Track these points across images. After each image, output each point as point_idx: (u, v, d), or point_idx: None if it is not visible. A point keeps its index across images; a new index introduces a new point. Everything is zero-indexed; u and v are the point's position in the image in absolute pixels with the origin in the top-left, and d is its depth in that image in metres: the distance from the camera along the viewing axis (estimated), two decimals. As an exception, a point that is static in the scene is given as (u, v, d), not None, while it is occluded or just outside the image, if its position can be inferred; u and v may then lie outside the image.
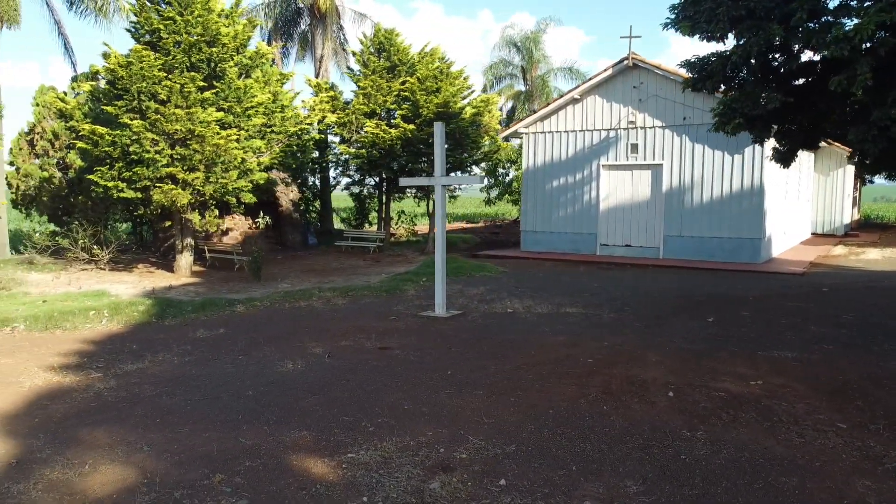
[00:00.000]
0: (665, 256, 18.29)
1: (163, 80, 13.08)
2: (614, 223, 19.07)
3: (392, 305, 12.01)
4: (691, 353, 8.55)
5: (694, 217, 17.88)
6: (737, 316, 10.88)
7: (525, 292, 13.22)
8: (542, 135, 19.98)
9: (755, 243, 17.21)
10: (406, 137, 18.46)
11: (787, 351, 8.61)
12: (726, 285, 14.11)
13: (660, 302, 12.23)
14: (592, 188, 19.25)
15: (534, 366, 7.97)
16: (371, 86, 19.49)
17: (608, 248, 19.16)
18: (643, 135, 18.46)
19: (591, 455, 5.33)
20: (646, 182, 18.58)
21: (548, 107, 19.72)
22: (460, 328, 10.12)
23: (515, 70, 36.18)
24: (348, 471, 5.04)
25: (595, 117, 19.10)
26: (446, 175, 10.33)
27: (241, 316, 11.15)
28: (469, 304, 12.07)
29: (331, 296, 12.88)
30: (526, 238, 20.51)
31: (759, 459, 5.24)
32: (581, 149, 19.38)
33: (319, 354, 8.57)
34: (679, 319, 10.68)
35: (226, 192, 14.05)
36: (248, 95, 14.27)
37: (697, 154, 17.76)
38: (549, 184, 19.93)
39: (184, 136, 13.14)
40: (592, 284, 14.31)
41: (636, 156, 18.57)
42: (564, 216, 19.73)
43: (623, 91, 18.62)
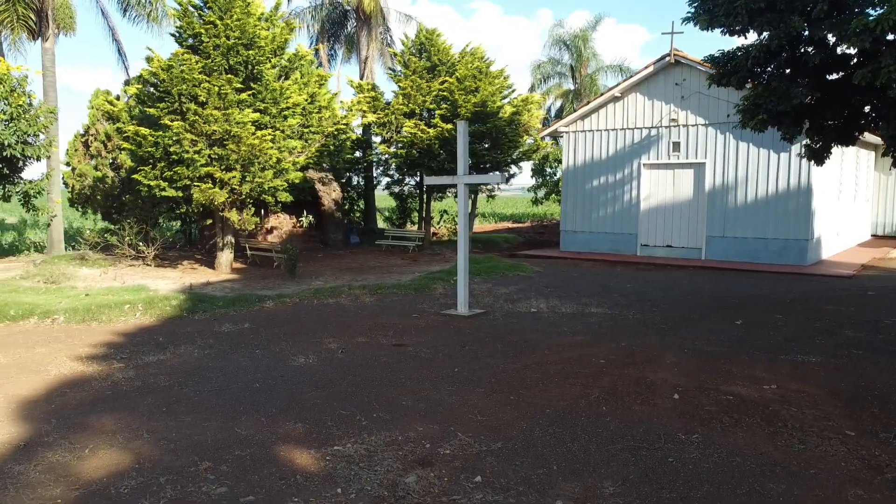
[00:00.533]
0: (707, 258, 17.81)
1: (202, 83, 13.51)
2: (655, 223, 18.69)
3: (418, 303, 12.09)
4: (710, 355, 8.33)
5: (738, 217, 17.36)
6: (768, 319, 10.53)
7: (554, 292, 13.11)
8: (583, 133, 19.74)
9: (801, 244, 16.58)
10: (444, 137, 18.52)
11: (812, 355, 8.29)
12: (766, 287, 13.66)
13: (691, 303, 11.93)
14: (633, 187, 18.91)
15: (543, 365, 7.91)
16: (411, 86, 19.64)
17: (648, 249, 18.79)
18: (685, 133, 18.04)
19: (576, 455, 5.27)
20: (688, 181, 18.14)
21: (588, 105, 19.48)
22: (479, 327, 10.11)
23: (564, 69, 35.82)
24: (330, 463, 5.13)
25: (636, 115, 18.76)
26: (472, 174, 10.35)
27: (268, 312, 11.42)
28: (494, 303, 12.04)
29: (359, 293, 13.05)
30: (566, 238, 20.30)
31: (751, 465, 5.08)
32: (622, 147, 19.07)
33: (333, 350, 8.71)
34: (707, 321, 10.40)
35: (262, 191, 14.41)
36: (284, 97, 14.59)
37: (742, 152, 17.24)
38: (590, 183, 19.67)
39: (221, 137, 13.54)
40: (626, 285, 14.06)
41: (678, 154, 18.16)
42: (604, 216, 19.45)
43: (665, 88, 18.24)
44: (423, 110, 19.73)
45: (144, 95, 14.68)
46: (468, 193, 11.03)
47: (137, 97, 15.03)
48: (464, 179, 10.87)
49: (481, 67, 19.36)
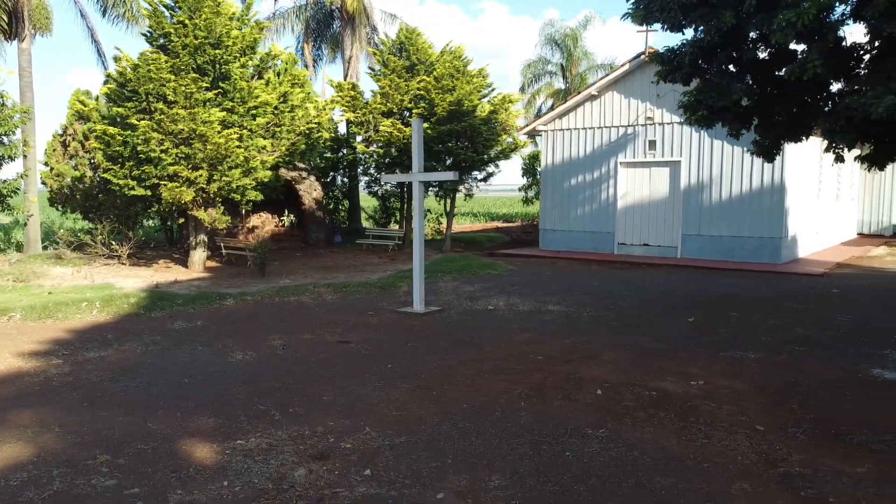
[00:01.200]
0: (683, 256, 17.77)
1: (169, 82, 13.57)
2: (632, 222, 18.65)
3: (378, 301, 12.11)
4: (652, 352, 8.32)
5: (713, 216, 17.31)
6: (724, 317, 10.49)
7: (518, 290, 13.10)
8: (561, 132, 19.72)
9: (776, 243, 16.52)
10: (419, 136, 18.51)
11: (753, 352, 8.26)
12: (734, 286, 13.61)
13: (653, 302, 11.90)
14: (610, 186, 18.88)
15: (479, 362, 7.91)
16: (389, 85, 19.66)
17: (626, 248, 18.76)
18: (661, 131, 18.00)
19: (475, 449, 5.27)
20: (664, 180, 18.10)
21: (566, 103, 19.46)
22: (430, 324, 10.12)
23: (555, 68, 35.77)
24: (227, 457, 5.14)
25: (613, 114, 18.73)
26: (424, 172, 10.35)
27: (226, 310, 11.46)
28: (454, 301, 12.04)
29: (323, 291, 13.08)
30: (545, 237, 20.29)
31: (647, 459, 5.07)
32: (599, 146, 19.04)
33: (276, 347, 8.74)
34: (662, 319, 10.37)
35: (230, 190, 14.45)
36: (253, 96, 14.63)
37: (716, 150, 17.18)
38: (568, 182, 19.65)
39: (187, 136, 13.59)
40: (593, 284, 14.04)
41: (654, 153, 18.12)
42: (582, 215, 19.42)
43: (641, 86, 18.20)
44: (402, 109, 19.75)
45: (115, 95, 14.75)
46: (424, 191, 11.04)
47: (108, 97, 15.10)
48: (418, 177, 10.87)
49: (459, 66, 19.37)
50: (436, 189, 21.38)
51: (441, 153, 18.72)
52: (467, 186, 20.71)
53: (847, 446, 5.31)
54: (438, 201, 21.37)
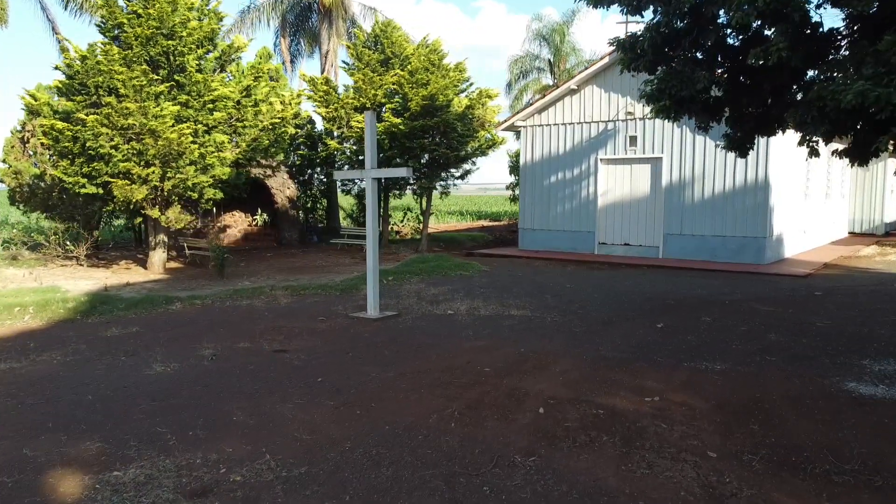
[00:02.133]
0: (665, 256, 17.12)
1: (119, 74, 12.89)
2: (613, 221, 18.00)
3: (334, 305, 11.45)
4: (609, 362, 7.67)
5: (695, 214, 16.66)
6: (695, 322, 9.85)
7: (485, 293, 12.45)
8: (540, 128, 19.06)
9: (759, 243, 15.87)
10: (392, 132, 17.88)
11: (719, 362, 7.62)
12: (713, 288, 12.97)
13: (623, 305, 11.25)
14: (590, 183, 18.24)
15: (420, 374, 7.26)
16: (362, 79, 19.00)
17: (606, 247, 18.11)
18: (642, 126, 17.34)
19: (382, 483, 4.62)
20: (645, 177, 17.45)
21: (545, 98, 18.81)
22: (380, 331, 9.46)
23: (543, 63, 35.09)
24: (94, 493, 4.49)
25: (593, 108, 18.08)
26: (377, 168, 9.67)
27: (169, 315, 10.79)
28: (414, 305, 11.38)
29: (280, 294, 12.43)
30: (524, 236, 19.64)
31: (574, 494, 4.42)
32: (579, 142, 18.39)
33: (205, 357, 8.08)
34: (628, 325, 9.73)
35: (186, 188, 13.78)
36: (209, 89, 13.95)
37: (699, 146, 16.54)
38: (547, 179, 19.00)
39: (138, 131, 12.92)
40: (565, 286, 13.39)
41: (635, 149, 17.47)
42: (562, 213, 18.78)
43: (621, 80, 17.54)
44: (375, 104, 19.08)
45: (65, 88, 14.07)
46: (378, 188, 10.39)
47: (59, 90, 14.41)
48: (370, 174, 10.21)
49: (434, 60, 18.70)
50: (413, 187, 20.73)
51: (414, 149, 18.06)
52: (443, 185, 20.03)
53: (806, 477, 4.67)
54: (416, 200, 20.70)
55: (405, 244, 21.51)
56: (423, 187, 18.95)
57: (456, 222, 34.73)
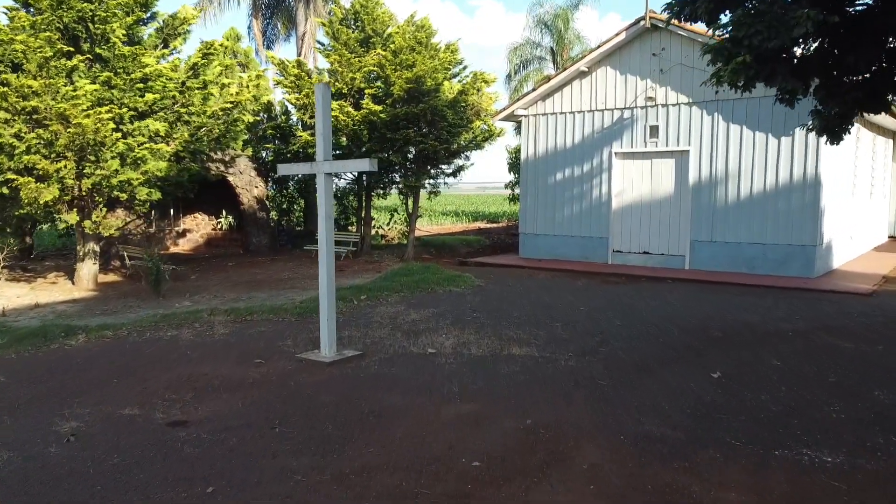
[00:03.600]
0: (692, 267, 14.54)
1: (18, 44, 10.28)
2: (629, 225, 15.42)
3: (282, 338, 8.86)
4: (660, 447, 5.09)
5: (729, 218, 14.08)
6: (759, 367, 7.27)
7: (478, 319, 9.86)
8: (545, 117, 16.48)
9: (808, 252, 13.29)
10: (371, 121, 15.29)
11: (825, 449, 5.04)
12: (761, 311, 10.40)
13: (656, 338, 8.67)
14: (603, 181, 15.65)
15: (371, 474, 4.68)
16: (338, 60, 16.41)
17: (622, 256, 15.52)
18: (665, 114, 14.75)
19: None
20: (668, 173, 14.86)
21: (549, 82, 16.21)
22: (331, 383, 6.87)
23: (544, 52, 32.51)
24: None
25: (606, 94, 15.49)
26: (331, 160, 7.00)
27: (60, 354, 8.19)
28: (386, 338, 8.79)
29: (219, 321, 9.84)
30: (525, 243, 17.05)
31: None
32: (590, 133, 15.80)
33: (61, 435, 5.48)
34: (670, 372, 7.14)
35: (111, 186, 11.17)
36: (139, 64, 11.35)
37: (733, 137, 13.95)
38: (552, 176, 16.41)
39: (44, 116, 10.31)
40: (578, 308, 10.80)
41: (656, 140, 14.88)
42: (570, 216, 16.19)
43: (640, 60, 14.96)
44: (353, 90, 16.48)
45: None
46: (328, 185, 7.78)
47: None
48: (323, 167, 7.61)
49: (421, 38, 16.09)
50: (399, 186, 18.14)
51: (397, 142, 15.45)
52: (432, 183, 17.44)
53: None
54: (401, 200, 18.07)
55: (391, 250, 18.92)
56: (409, 186, 16.35)
57: (450, 224, 32.16)
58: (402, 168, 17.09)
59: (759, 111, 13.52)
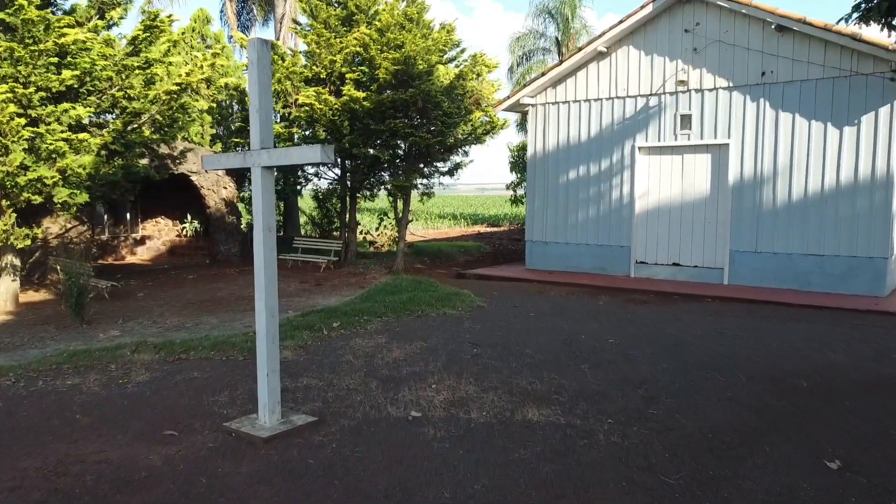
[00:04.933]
0: (731, 282, 12.28)
1: None
2: (656, 232, 13.16)
3: (215, 390, 6.58)
4: None
5: (777, 224, 11.83)
6: (889, 447, 5.00)
7: (479, 358, 7.59)
8: (555, 106, 14.22)
9: (878, 265, 11.04)
10: (352, 109, 13.01)
11: None
12: (841, 345, 8.15)
13: (721, 391, 6.41)
14: (624, 181, 13.39)
15: None
16: (317, 41, 14.14)
17: (647, 269, 13.26)
18: (699, 101, 12.50)
19: None
20: (703, 171, 12.61)
21: (562, 65, 13.94)
22: (263, 483, 4.58)
23: (549, 43, 30.22)
24: None
25: (629, 78, 13.23)
26: (270, 150, 4.74)
27: None
28: (357, 390, 6.51)
29: (146, 360, 7.57)
30: (533, 251, 14.78)
31: None
32: (609, 124, 13.55)
33: None
34: (761, 456, 4.88)
35: (16, 186, 8.89)
36: (54, 32, 9.06)
37: (783, 127, 11.70)
38: (564, 175, 14.15)
39: (-78, 95, 8.03)
40: (605, 340, 8.54)
41: (688, 132, 12.62)
42: (585, 221, 13.93)
43: (669, 37, 12.72)
44: (334, 74, 14.21)
45: None
46: (266, 182, 5.49)
47: None
48: (261, 158, 5.33)
49: (411, 14, 13.82)
50: (387, 186, 15.86)
51: (382, 134, 13.17)
52: (425, 183, 15.16)
53: None
54: (390, 203, 15.77)
55: (379, 259, 16.65)
56: (399, 186, 14.05)
57: (447, 228, 29.90)
58: (391, 166, 14.82)
59: (817, 95, 11.28)
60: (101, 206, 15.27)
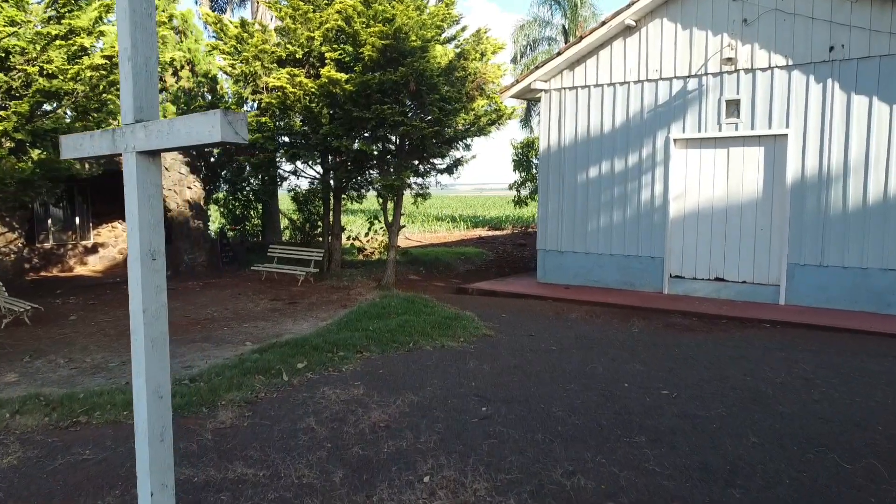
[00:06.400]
0: (789, 302, 10.16)
1: None
2: (694, 241, 11.04)
3: (105, 489, 4.45)
4: None
5: (849, 231, 9.71)
6: None
7: (490, 426, 5.46)
8: (572, 91, 12.09)
9: (980, 284, 8.91)
10: (331, 92, 10.87)
11: None
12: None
13: (861, 492, 4.27)
14: (656, 179, 11.27)
15: None
16: (291, 15, 11.99)
17: (684, 284, 11.14)
18: (749, 83, 10.37)
19: None
20: (753, 167, 10.48)
21: (580, 43, 11.79)
22: None
23: (555, 32, 28.10)
24: None
25: (662, 57, 11.11)
26: (147, 125, 2.80)
27: None
28: (313, 488, 4.38)
29: (29, 426, 5.47)
30: (546, 262, 12.64)
31: None
32: (637, 112, 11.42)
33: None
34: None
35: None
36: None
37: (857, 114, 9.57)
38: (583, 172, 12.03)
39: None
40: (656, 389, 6.40)
41: (736, 121, 10.50)
42: (608, 227, 11.80)
43: (714, 6, 10.59)
44: (312, 54, 12.06)
45: None
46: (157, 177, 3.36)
47: None
48: (136, 138, 3.19)
49: (403, -19, 11.65)
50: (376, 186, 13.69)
51: (367, 123, 11.01)
52: (419, 183, 13.00)
53: None
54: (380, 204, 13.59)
55: (369, 269, 14.50)
56: (388, 186, 11.88)
57: (445, 232, 27.76)
58: (381, 162, 12.68)
59: (901, 74, 9.16)
60: (40, 208, 13.14)
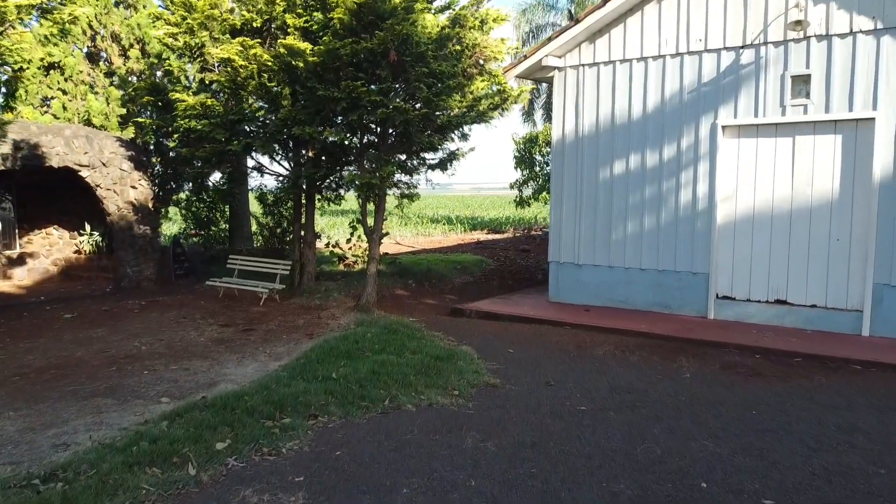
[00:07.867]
0: (875, 333, 7.96)
1: None
2: (749, 253, 8.82)
3: None
4: None
5: (956, 243, 7.51)
6: None
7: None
8: (593, 68, 9.88)
9: None
10: (291, 66, 8.62)
11: None
12: None
13: None
14: (699, 177, 9.05)
15: None
16: (248, -25, 9.74)
17: (734, 307, 8.92)
18: (823, 53, 8.15)
19: None
20: (828, 161, 8.27)
21: (604, 7, 9.55)
22: None
23: (561, 18, 25.85)
24: None
25: (708, 22, 8.89)
26: None
27: None
28: None
29: None
30: (560, 277, 10.41)
31: None
32: (675, 93, 9.20)
33: None
34: None
35: None
36: None
37: (971, 91, 7.37)
38: (606, 168, 9.81)
39: None
40: (748, 490, 4.18)
41: (804, 102, 8.27)
42: (637, 236, 9.58)
43: (775, -43, 8.38)
44: (273, 23, 9.81)
45: None
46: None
47: None
48: None
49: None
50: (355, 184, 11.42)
51: (337, 103, 8.75)
52: (406, 181, 10.73)
53: None
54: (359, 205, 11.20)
55: (349, 281, 12.26)
56: (365, 185, 9.60)
57: (441, 235, 25.54)
58: (361, 155, 10.45)
59: None
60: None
